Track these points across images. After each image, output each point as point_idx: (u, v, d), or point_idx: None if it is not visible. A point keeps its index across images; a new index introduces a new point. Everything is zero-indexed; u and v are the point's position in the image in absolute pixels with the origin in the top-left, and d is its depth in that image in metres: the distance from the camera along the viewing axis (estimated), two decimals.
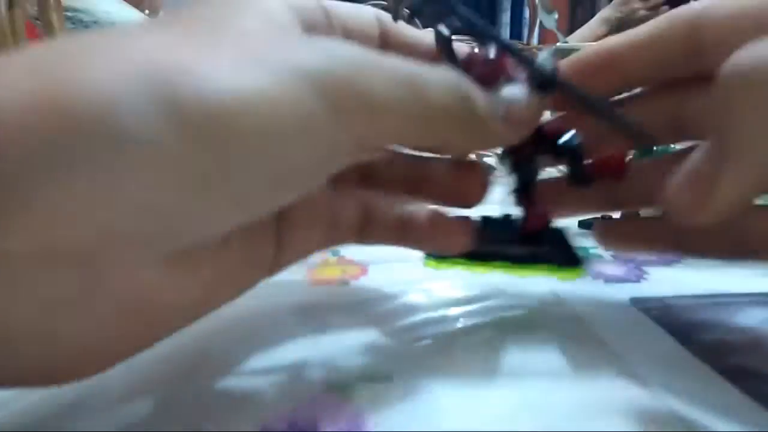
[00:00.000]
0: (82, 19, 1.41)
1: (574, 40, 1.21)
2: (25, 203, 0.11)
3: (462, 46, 0.18)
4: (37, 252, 0.11)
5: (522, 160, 0.19)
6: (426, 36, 0.19)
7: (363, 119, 0.14)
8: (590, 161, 0.18)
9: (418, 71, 0.15)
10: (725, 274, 0.25)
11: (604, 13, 1.28)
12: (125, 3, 1.48)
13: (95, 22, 1.43)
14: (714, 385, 0.16)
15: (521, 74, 0.17)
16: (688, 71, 0.19)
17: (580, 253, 0.20)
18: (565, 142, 0.18)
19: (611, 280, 0.24)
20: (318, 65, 0.13)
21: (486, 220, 0.20)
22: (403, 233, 0.20)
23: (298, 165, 0.13)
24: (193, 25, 0.14)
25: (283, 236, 0.17)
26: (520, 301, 0.21)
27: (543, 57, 0.17)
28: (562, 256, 0.19)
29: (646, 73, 0.19)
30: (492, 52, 0.17)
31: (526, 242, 0.19)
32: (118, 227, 0.11)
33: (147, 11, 1.57)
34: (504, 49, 0.17)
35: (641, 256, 0.26)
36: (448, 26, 0.17)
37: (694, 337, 0.18)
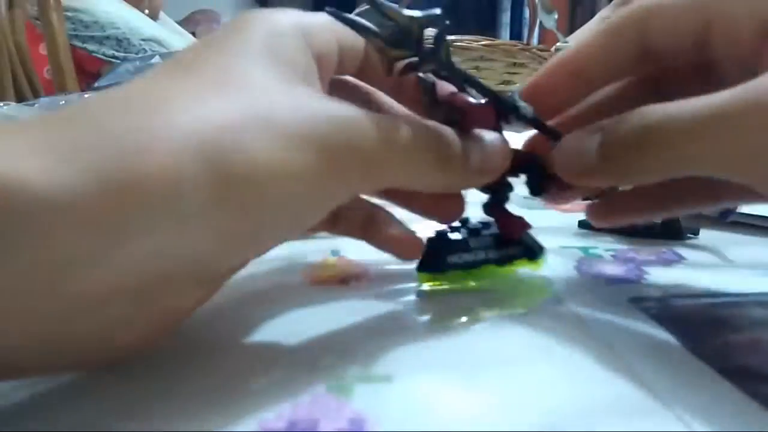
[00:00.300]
0: (82, 19, 1.41)
1: (573, 40, 1.21)
2: (94, 261, 0.13)
3: (444, 87, 0.21)
4: (101, 293, 0.13)
5: (496, 181, 0.21)
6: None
7: (358, 174, 0.17)
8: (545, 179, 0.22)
9: (405, 131, 0.18)
10: (725, 273, 0.25)
11: (604, 13, 1.28)
12: (125, 3, 1.48)
13: (95, 22, 1.43)
14: (713, 384, 0.16)
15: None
16: (642, 69, 0.21)
17: (540, 245, 0.24)
18: (530, 166, 0.22)
19: (611, 279, 0.24)
20: (323, 133, 0.16)
21: (469, 231, 0.23)
22: (366, 232, 0.23)
23: (304, 213, 0.17)
24: (214, 79, 0.16)
25: None
26: (520, 301, 0.21)
27: (522, 103, 0.20)
28: (533, 251, 0.23)
29: (605, 78, 0.21)
30: (478, 98, 0.20)
31: (504, 245, 0.23)
32: (169, 271, 0.14)
33: (147, 11, 1.57)
34: (493, 98, 0.20)
35: (641, 257, 0.26)
36: (433, 74, 0.20)
37: (694, 337, 0.18)
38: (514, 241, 0.23)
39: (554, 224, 0.31)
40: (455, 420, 0.14)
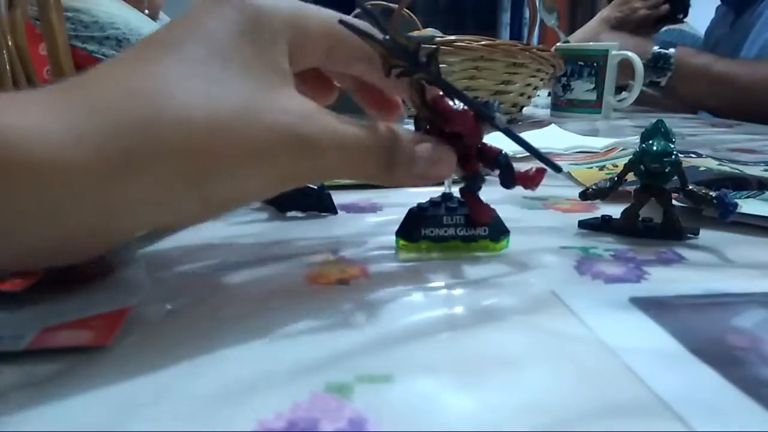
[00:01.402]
0: (82, 19, 1.41)
1: (574, 39, 1.21)
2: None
3: (432, 90, 0.24)
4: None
5: (471, 171, 0.26)
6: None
7: (307, 165, 0.21)
8: (516, 172, 0.26)
9: (355, 136, 0.21)
10: (725, 273, 0.25)
11: (604, 12, 1.28)
12: (125, 3, 1.48)
13: (95, 22, 1.43)
14: (713, 384, 0.16)
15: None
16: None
17: (506, 229, 0.27)
18: (500, 159, 0.25)
19: (611, 279, 0.24)
20: (290, 128, 0.19)
21: (447, 208, 0.27)
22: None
23: (258, 187, 0.21)
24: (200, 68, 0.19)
25: None
26: (520, 302, 0.21)
27: (498, 114, 0.24)
28: (496, 233, 0.27)
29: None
30: (460, 105, 0.24)
31: (472, 226, 0.27)
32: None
33: (147, 11, 1.56)
34: (472, 107, 0.24)
35: (641, 256, 0.26)
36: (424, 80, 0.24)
37: (694, 337, 0.18)
38: (483, 224, 0.27)
39: (554, 224, 0.32)
40: (455, 420, 0.14)
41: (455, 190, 0.27)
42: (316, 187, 0.33)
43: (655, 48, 1.01)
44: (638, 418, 0.14)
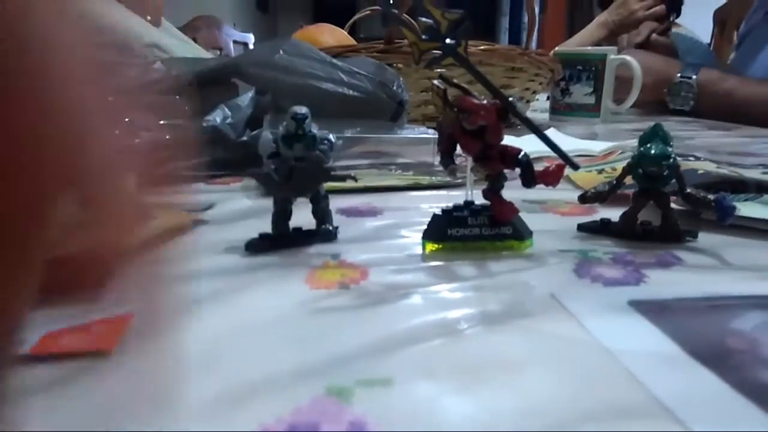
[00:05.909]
0: None
1: (573, 44, 1.22)
2: None
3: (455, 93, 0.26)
4: None
5: (493, 172, 0.27)
6: None
7: None
8: (536, 171, 0.26)
9: None
10: (723, 276, 0.25)
11: (602, 17, 1.29)
12: (126, 9, 1.47)
13: None
14: (712, 386, 0.16)
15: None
16: None
17: (529, 229, 0.28)
18: (521, 159, 0.26)
19: (610, 282, 0.24)
20: None
21: (471, 211, 0.27)
22: None
23: None
24: None
25: None
26: (520, 305, 0.21)
27: (519, 104, 0.25)
28: (521, 234, 0.27)
29: None
30: (481, 99, 0.25)
31: (497, 226, 0.27)
32: None
33: (149, 17, 1.56)
34: (495, 94, 0.25)
35: (640, 259, 0.26)
36: (444, 80, 0.26)
37: (692, 340, 0.18)
38: (507, 224, 0.27)
39: (553, 227, 0.32)
40: (455, 423, 0.14)
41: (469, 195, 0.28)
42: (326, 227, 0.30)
43: (678, 75, 0.98)
44: (637, 420, 0.14)
